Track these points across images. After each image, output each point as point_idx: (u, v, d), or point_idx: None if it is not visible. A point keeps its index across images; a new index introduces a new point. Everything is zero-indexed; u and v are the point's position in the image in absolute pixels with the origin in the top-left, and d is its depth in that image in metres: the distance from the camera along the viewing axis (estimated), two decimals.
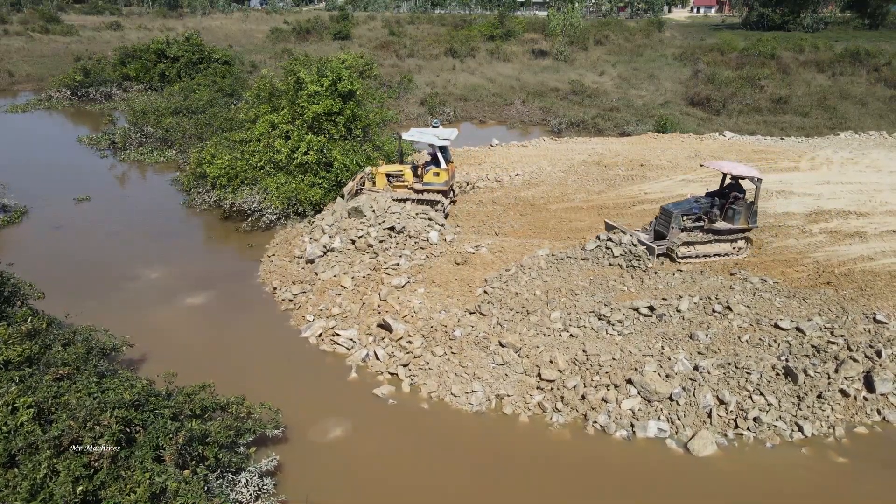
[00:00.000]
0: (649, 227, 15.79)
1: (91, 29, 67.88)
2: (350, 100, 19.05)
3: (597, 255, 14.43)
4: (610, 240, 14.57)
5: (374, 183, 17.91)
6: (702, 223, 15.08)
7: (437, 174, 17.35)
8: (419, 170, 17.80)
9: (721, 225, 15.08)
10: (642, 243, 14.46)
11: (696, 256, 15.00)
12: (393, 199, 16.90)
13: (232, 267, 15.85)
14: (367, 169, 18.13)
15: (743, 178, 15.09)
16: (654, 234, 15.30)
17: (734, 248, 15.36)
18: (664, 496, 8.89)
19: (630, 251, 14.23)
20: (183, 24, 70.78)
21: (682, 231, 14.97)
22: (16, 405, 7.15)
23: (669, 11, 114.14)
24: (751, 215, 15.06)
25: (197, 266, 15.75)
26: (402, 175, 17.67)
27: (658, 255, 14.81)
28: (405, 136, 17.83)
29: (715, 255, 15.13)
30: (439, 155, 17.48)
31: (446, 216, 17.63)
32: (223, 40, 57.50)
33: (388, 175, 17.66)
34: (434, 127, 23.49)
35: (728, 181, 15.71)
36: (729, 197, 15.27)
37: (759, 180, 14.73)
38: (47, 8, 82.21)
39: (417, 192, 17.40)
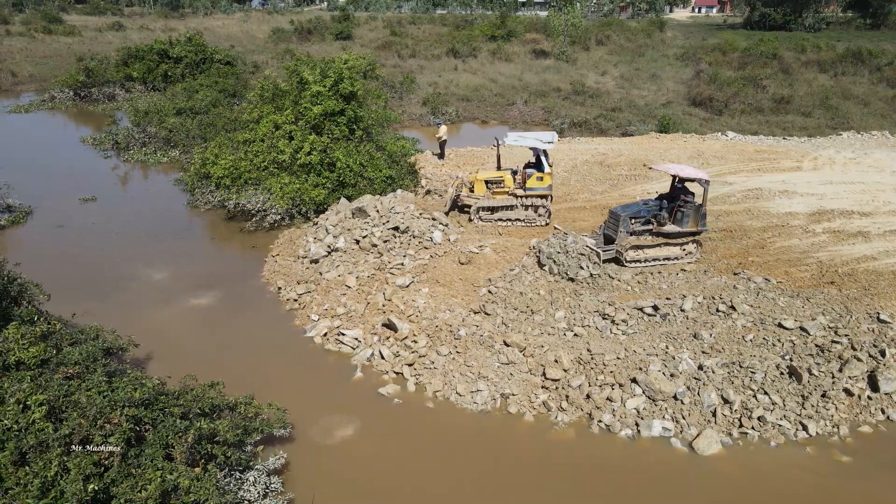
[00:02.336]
0: (599, 231, 15.45)
1: (93, 29, 67.93)
2: (352, 100, 19.09)
3: (539, 262, 14.02)
4: (547, 249, 14.12)
5: (471, 190, 17.77)
6: (650, 226, 14.80)
7: (541, 178, 17.10)
8: (517, 175, 17.60)
9: (670, 228, 14.75)
10: (590, 248, 14.16)
11: (645, 260, 14.74)
12: (482, 208, 16.95)
13: (236, 267, 15.90)
14: (459, 175, 17.91)
15: (690, 181, 14.80)
16: (603, 239, 14.97)
17: (684, 251, 15.07)
18: (668, 495, 8.92)
19: (577, 256, 13.87)
20: (185, 25, 70.82)
21: (631, 235, 14.69)
22: (28, 403, 7.20)
23: (671, 11, 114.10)
24: (700, 218, 14.73)
25: (201, 266, 15.80)
26: (503, 181, 17.44)
27: (606, 261, 14.55)
28: (507, 140, 17.60)
29: (664, 259, 14.87)
30: (543, 159, 17.24)
31: (549, 217, 17.39)
32: (225, 41, 57.56)
33: (487, 181, 17.49)
34: (437, 126, 23.50)
35: (677, 183, 15.34)
36: (678, 200, 14.95)
37: (707, 182, 14.45)
38: (49, 8, 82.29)
39: (519, 197, 17.23)
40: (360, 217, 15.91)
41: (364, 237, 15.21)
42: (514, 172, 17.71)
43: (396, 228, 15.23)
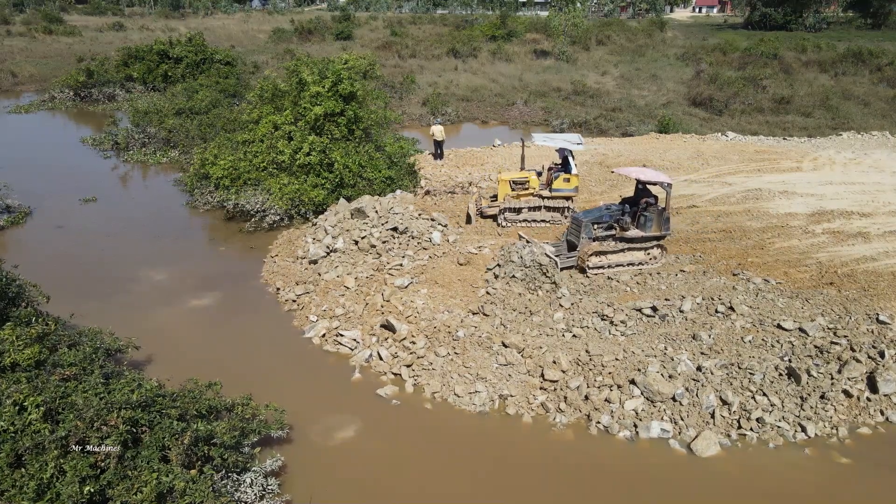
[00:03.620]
0: (563, 237, 15.23)
1: (93, 29, 68.04)
2: (351, 101, 19.08)
3: (495, 275, 13.65)
4: (504, 262, 13.66)
5: (493, 199, 17.74)
6: (613, 231, 14.52)
7: (568, 180, 17.00)
8: (544, 175, 17.56)
9: (633, 233, 14.48)
10: (548, 256, 13.80)
11: (609, 266, 14.45)
12: (508, 209, 16.85)
13: (235, 268, 15.90)
14: (474, 189, 17.86)
15: (652, 184, 14.56)
16: (567, 245, 14.76)
17: (648, 256, 14.81)
18: (667, 496, 8.90)
19: (535, 266, 13.48)
20: (185, 25, 70.92)
21: (594, 240, 14.42)
22: (24, 404, 7.19)
23: (671, 11, 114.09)
24: (663, 222, 14.48)
25: (200, 267, 15.80)
26: (528, 181, 17.36)
27: (568, 268, 14.26)
28: (536, 141, 17.56)
29: (628, 265, 14.58)
30: (571, 160, 17.15)
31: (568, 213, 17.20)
32: (225, 41, 57.60)
33: (512, 182, 17.40)
34: (438, 125, 23.47)
35: (639, 187, 15.01)
36: (640, 204, 14.66)
37: (669, 185, 14.20)
38: (50, 9, 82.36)
39: (545, 198, 17.16)
40: (359, 218, 15.90)
41: (363, 238, 15.19)
42: (539, 174, 17.67)
43: (395, 229, 15.22)
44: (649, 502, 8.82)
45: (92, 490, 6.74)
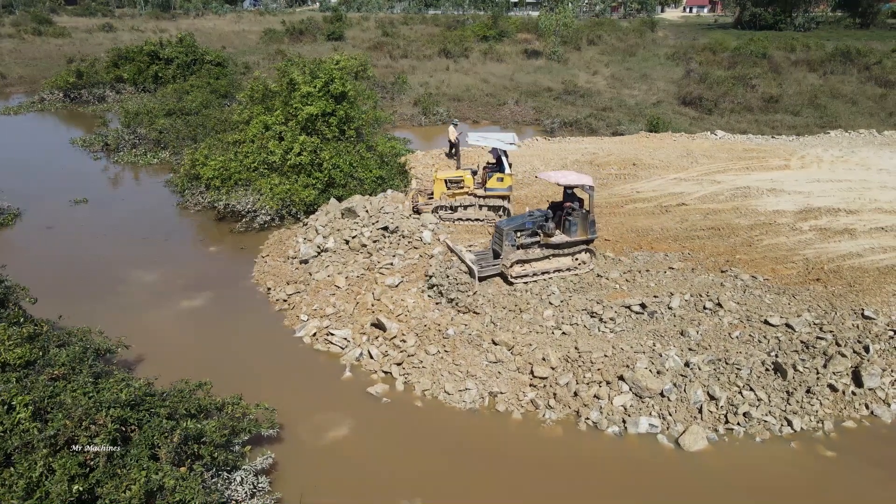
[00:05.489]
0: (490, 245, 14.86)
1: (83, 30, 67.64)
2: (343, 101, 19.10)
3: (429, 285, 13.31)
4: (433, 272, 13.29)
5: (430, 196, 17.79)
6: (538, 238, 14.12)
7: (501, 179, 17.11)
8: (478, 175, 17.62)
9: (558, 239, 14.05)
10: (467, 265, 13.43)
11: (534, 274, 13.95)
12: (442, 207, 16.87)
13: (226, 268, 15.89)
14: (413, 184, 17.89)
15: (574, 188, 14.21)
16: (492, 254, 14.39)
17: (576, 261, 14.40)
18: (655, 491, 8.99)
19: (452, 280, 13.11)
20: (176, 26, 70.63)
21: (519, 248, 13.95)
22: (13, 404, 7.19)
23: (662, 11, 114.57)
24: (589, 225, 14.10)
25: (191, 267, 15.78)
26: (462, 180, 17.43)
27: (490, 277, 13.75)
28: (471, 140, 17.57)
29: (555, 272, 14.13)
30: (504, 160, 17.25)
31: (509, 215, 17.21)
32: (216, 41, 57.40)
33: (447, 181, 17.46)
34: (454, 126, 23.50)
35: (567, 191, 14.52)
36: (564, 208, 14.31)
37: (592, 188, 13.87)
38: (39, 10, 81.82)
39: (479, 197, 17.25)
40: (350, 217, 15.93)
41: (353, 237, 15.23)
42: (474, 173, 17.81)
43: (386, 228, 15.25)
44: (638, 496, 8.91)
45: (81, 489, 6.75)
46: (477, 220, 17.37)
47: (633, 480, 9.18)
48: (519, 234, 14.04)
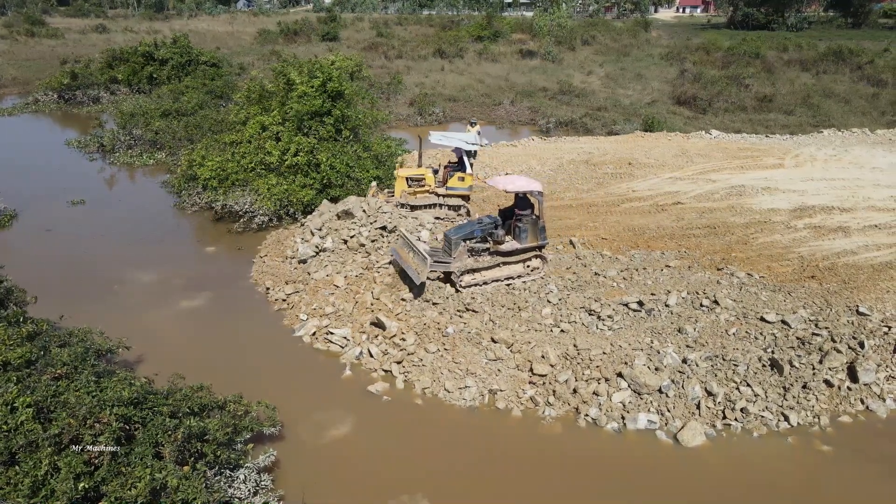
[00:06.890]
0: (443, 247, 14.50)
1: (77, 31, 67.39)
2: (339, 100, 19.12)
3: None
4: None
5: (392, 194, 17.76)
6: (487, 246, 13.73)
7: (462, 178, 17.13)
8: (439, 173, 17.66)
9: (508, 246, 13.71)
10: (422, 255, 13.00)
11: (485, 283, 13.63)
12: (401, 204, 16.82)
13: (225, 268, 15.90)
14: (373, 184, 17.91)
15: (522, 194, 13.79)
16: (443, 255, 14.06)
17: (528, 268, 14.07)
18: (654, 486, 9.08)
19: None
20: (169, 27, 70.43)
21: (471, 256, 13.58)
22: (15, 405, 7.21)
23: (656, 11, 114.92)
24: (539, 231, 13.77)
25: (190, 268, 15.79)
26: (424, 179, 17.42)
27: (437, 279, 13.46)
28: (432, 139, 17.58)
29: (507, 279, 13.79)
30: (466, 160, 17.26)
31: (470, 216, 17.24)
32: (210, 42, 57.30)
33: (408, 179, 17.44)
34: (472, 125, 23.57)
35: (519, 196, 14.07)
36: (515, 215, 13.96)
37: (541, 194, 13.58)
38: (32, 11, 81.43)
39: (440, 195, 17.26)
40: (347, 219, 15.96)
41: (352, 237, 15.27)
42: (436, 171, 17.85)
43: (384, 228, 15.30)
44: (637, 492, 9.00)
45: (86, 487, 6.78)
46: (438, 218, 17.27)
47: (633, 476, 9.27)
48: (467, 242, 13.61)
